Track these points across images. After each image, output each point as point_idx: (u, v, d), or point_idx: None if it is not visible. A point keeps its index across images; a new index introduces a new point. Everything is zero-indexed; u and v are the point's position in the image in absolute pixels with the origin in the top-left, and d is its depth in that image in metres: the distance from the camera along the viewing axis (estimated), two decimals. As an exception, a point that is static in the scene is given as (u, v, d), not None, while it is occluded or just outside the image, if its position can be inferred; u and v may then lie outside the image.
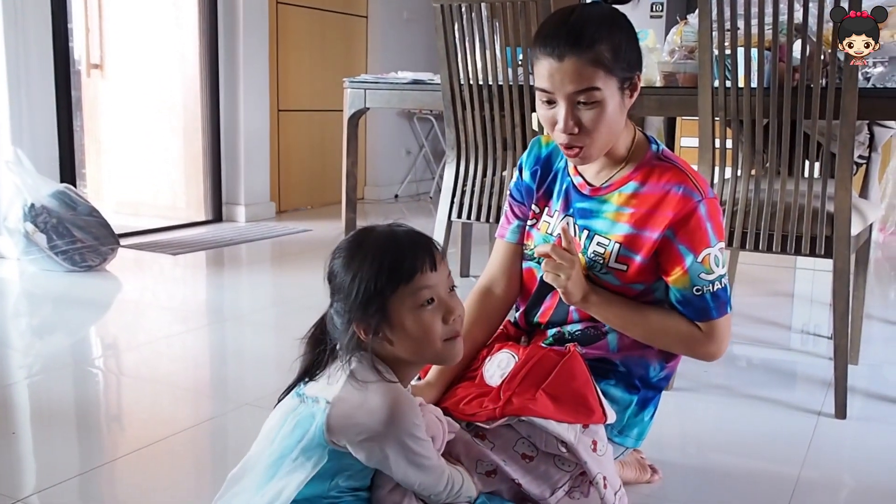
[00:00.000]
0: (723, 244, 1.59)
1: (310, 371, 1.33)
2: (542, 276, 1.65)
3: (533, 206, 1.74)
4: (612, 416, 1.54)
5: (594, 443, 1.49)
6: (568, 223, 1.66)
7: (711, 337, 1.60)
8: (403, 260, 1.26)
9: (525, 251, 1.75)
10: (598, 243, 1.61)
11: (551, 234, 1.68)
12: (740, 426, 2.24)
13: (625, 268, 1.59)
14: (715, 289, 1.57)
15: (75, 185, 4.28)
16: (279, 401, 1.37)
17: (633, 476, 1.84)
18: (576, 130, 1.53)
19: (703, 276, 1.56)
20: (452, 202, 2.86)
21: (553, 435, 1.46)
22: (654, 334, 1.62)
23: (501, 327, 1.76)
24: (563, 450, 1.46)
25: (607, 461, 1.51)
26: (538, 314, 1.70)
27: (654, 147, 1.63)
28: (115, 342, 2.95)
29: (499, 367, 1.60)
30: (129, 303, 3.51)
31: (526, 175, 1.77)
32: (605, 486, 1.48)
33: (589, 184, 1.65)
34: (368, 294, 1.24)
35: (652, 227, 1.56)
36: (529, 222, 1.75)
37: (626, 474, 1.82)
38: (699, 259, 1.55)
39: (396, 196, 6.80)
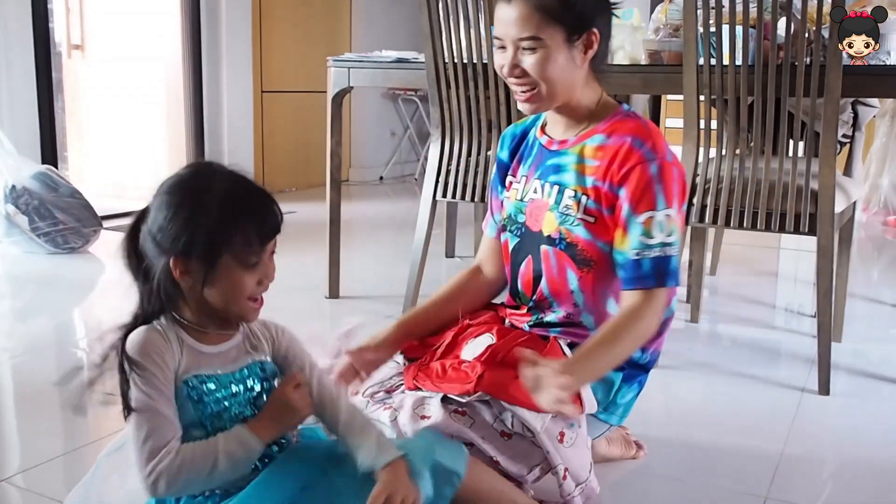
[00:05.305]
0: (673, 212, 1.51)
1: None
2: (511, 249, 1.68)
3: (508, 177, 1.74)
4: (591, 406, 1.53)
5: (561, 434, 1.47)
6: (536, 187, 1.65)
7: (649, 307, 1.51)
8: (247, 227, 1.22)
9: (502, 221, 1.75)
10: (569, 196, 1.59)
11: (522, 200, 1.68)
12: (725, 403, 2.25)
13: (593, 220, 1.57)
14: (654, 255, 1.50)
15: (57, 167, 4.24)
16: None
17: (619, 452, 1.85)
18: (517, 73, 1.53)
19: (642, 238, 1.50)
20: (437, 181, 2.85)
21: (520, 419, 1.45)
22: (630, 344, 1.52)
23: (493, 312, 1.76)
24: (530, 434, 1.45)
25: (574, 453, 1.49)
26: (521, 285, 1.70)
27: (624, 107, 1.63)
28: (98, 324, 2.94)
29: (477, 349, 1.59)
30: (113, 284, 3.49)
31: (504, 154, 1.77)
32: (564, 477, 1.46)
33: (556, 140, 1.65)
34: (200, 246, 1.20)
35: (608, 179, 1.55)
36: (505, 193, 1.75)
37: (611, 450, 1.83)
38: (640, 220, 1.50)
39: (381, 178, 6.78)
